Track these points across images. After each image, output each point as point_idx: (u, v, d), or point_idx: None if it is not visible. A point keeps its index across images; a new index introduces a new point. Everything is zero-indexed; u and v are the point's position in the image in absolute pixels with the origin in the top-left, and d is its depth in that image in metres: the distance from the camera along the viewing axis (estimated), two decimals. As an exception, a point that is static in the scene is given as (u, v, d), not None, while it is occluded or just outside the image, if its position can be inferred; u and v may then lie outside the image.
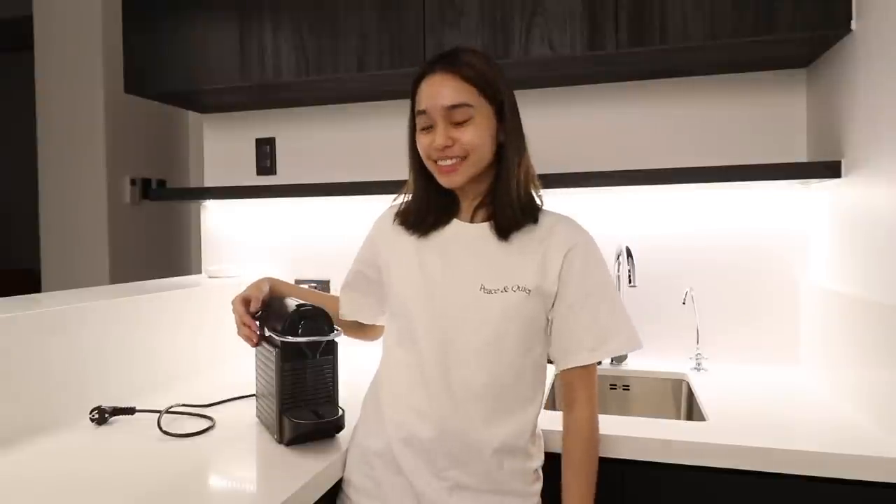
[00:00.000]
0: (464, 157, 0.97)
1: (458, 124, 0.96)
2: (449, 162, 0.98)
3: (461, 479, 0.95)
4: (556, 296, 0.99)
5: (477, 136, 0.96)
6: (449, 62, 0.97)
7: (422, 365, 0.99)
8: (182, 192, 2.10)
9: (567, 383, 1.02)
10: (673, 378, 1.62)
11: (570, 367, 0.99)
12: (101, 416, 1.22)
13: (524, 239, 1.01)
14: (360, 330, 1.25)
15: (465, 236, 1.03)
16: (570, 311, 0.99)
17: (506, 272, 0.99)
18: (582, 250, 1.00)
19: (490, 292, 0.98)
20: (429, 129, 0.99)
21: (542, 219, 1.02)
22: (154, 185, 2.62)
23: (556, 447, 1.05)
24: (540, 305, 0.99)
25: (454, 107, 0.96)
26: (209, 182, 2.17)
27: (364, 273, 1.17)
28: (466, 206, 1.05)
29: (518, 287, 0.97)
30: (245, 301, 1.13)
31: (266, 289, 1.16)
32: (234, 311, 1.14)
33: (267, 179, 2.10)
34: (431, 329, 0.99)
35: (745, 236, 1.67)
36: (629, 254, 1.61)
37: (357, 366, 1.67)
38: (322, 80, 1.68)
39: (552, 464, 1.06)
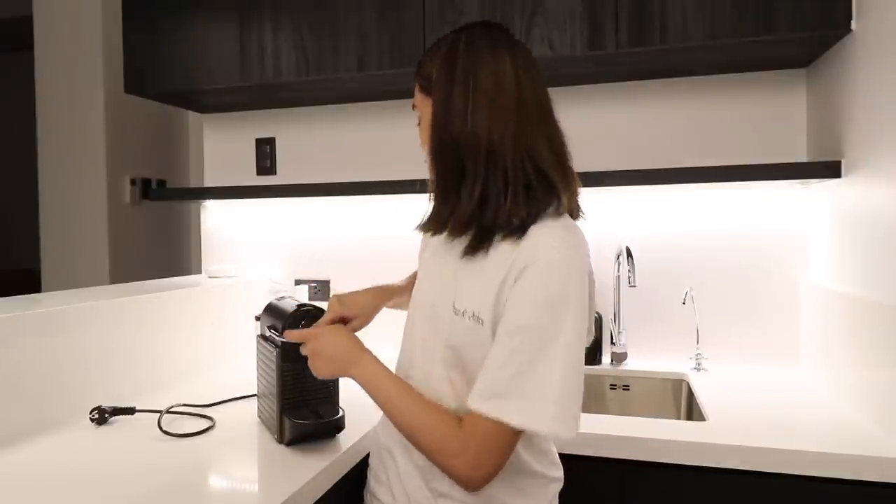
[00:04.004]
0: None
1: None
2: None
3: (441, 487, 0.90)
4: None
5: (423, 139, 0.92)
6: None
7: (405, 371, 0.97)
8: (182, 192, 2.10)
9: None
10: (673, 378, 1.62)
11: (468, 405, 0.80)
12: (101, 416, 1.22)
13: (497, 255, 0.84)
14: None
15: (458, 247, 0.91)
16: (495, 341, 0.81)
17: (470, 294, 0.85)
18: (534, 272, 0.79)
19: (458, 314, 0.86)
20: None
21: (533, 230, 0.83)
22: (154, 185, 2.62)
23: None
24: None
25: (413, 109, 0.95)
26: (209, 182, 2.17)
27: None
28: None
29: (473, 314, 0.84)
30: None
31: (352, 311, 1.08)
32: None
33: (267, 179, 2.10)
34: (406, 342, 0.97)
35: (745, 236, 1.67)
36: (629, 254, 1.61)
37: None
38: (322, 80, 1.68)
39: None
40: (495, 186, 0.82)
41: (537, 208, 0.83)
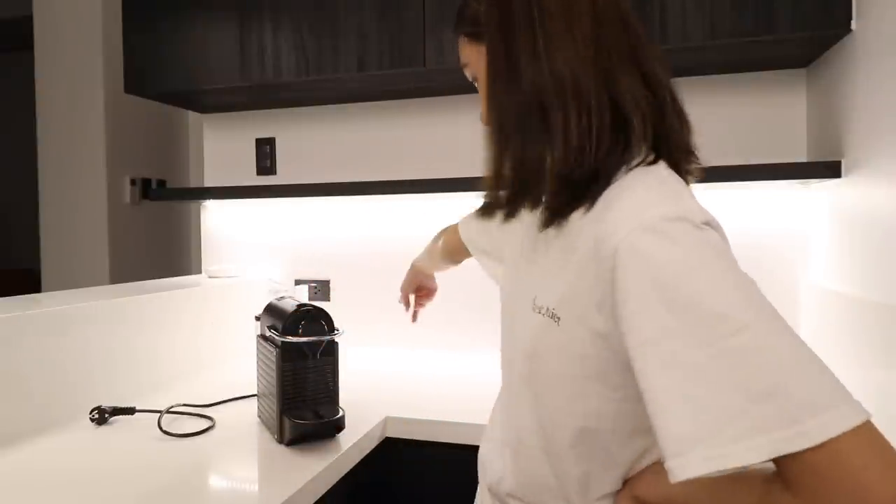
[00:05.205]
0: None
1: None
2: None
3: None
4: (620, 337, 0.56)
5: (483, 95, 0.73)
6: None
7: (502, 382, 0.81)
8: (182, 192, 2.10)
9: None
10: (673, 378, 1.62)
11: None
12: (101, 416, 1.22)
13: (569, 232, 0.65)
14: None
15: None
16: (640, 379, 0.54)
17: (546, 285, 0.67)
18: (637, 258, 0.54)
19: (536, 311, 0.67)
20: None
21: (612, 189, 0.63)
22: (154, 185, 2.63)
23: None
24: (591, 344, 0.61)
25: (464, 70, 0.77)
26: (209, 182, 2.17)
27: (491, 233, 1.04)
28: None
29: (548, 309, 0.65)
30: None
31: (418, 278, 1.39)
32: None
33: (267, 179, 2.10)
34: (503, 342, 0.80)
35: (745, 236, 1.67)
36: (629, 254, 1.61)
37: (358, 366, 1.67)
38: (322, 80, 1.68)
39: None
40: (585, 132, 0.61)
41: (616, 157, 0.63)
